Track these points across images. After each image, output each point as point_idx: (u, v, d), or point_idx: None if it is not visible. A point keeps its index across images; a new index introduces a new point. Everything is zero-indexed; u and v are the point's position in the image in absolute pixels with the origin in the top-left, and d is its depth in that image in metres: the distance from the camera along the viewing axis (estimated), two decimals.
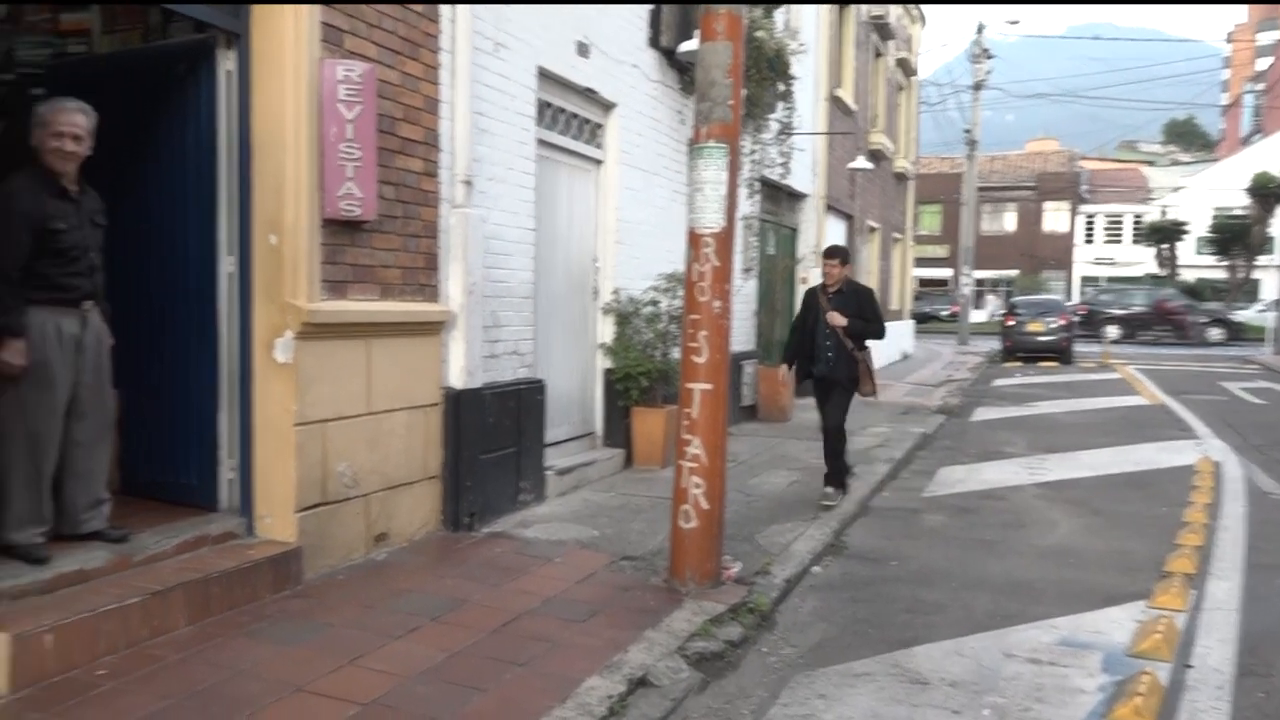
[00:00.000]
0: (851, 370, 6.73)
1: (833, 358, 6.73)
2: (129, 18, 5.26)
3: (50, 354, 3.83)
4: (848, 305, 6.69)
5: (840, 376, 6.74)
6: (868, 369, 6.80)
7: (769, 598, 4.70)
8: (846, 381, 6.77)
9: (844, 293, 6.80)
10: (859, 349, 6.72)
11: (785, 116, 10.78)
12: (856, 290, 6.95)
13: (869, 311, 6.83)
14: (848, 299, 6.75)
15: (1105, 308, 32.15)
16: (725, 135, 4.64)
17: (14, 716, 3.11)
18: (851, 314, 6.67)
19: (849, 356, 6.70)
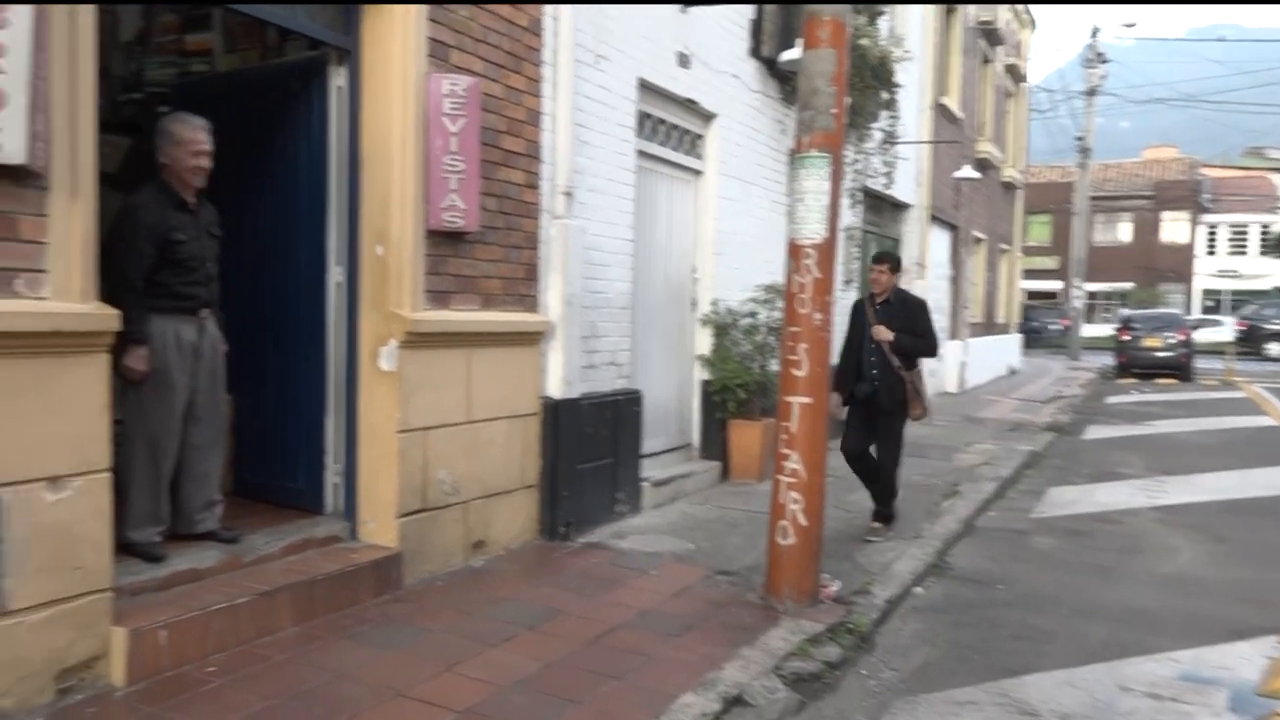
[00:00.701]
0: (896, 392, 6.01)
1: (877, 376, 6.04)
2: (248, 37, 5.47)
3: (170, 360, 3.99)
4: (895, 318, 6.03)
5: (884, 399, 6.03)
6: (915, 390, 6.09)
7: (869, 618, 4.57)
8: (890, 405, 6.03)
9: (891, 304, 6.13)
10: (907, 367, 6.04)
11: (889, 125, 10.57)
12: (906, 301, 6.24)
13: (920, 325, 6.13)
14: (895, 311, 6.08)
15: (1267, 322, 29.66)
16: (828, 144, 4.56)
17: (129, 709, 3.22)
18: (899, 328, 6.01)
19: (895, 377, 5.99)
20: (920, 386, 6.12)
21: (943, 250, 15.39)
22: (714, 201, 7.65)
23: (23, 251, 3.09)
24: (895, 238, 12.94)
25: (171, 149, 4.01)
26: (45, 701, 3.17)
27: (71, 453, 3.21)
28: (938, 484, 7.99)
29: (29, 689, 3.12)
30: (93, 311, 3.25)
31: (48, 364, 3.12)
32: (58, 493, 3.18)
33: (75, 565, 3.24)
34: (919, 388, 6.11)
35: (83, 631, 3.27)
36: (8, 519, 3.03)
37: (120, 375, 3.78)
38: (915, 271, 13.14)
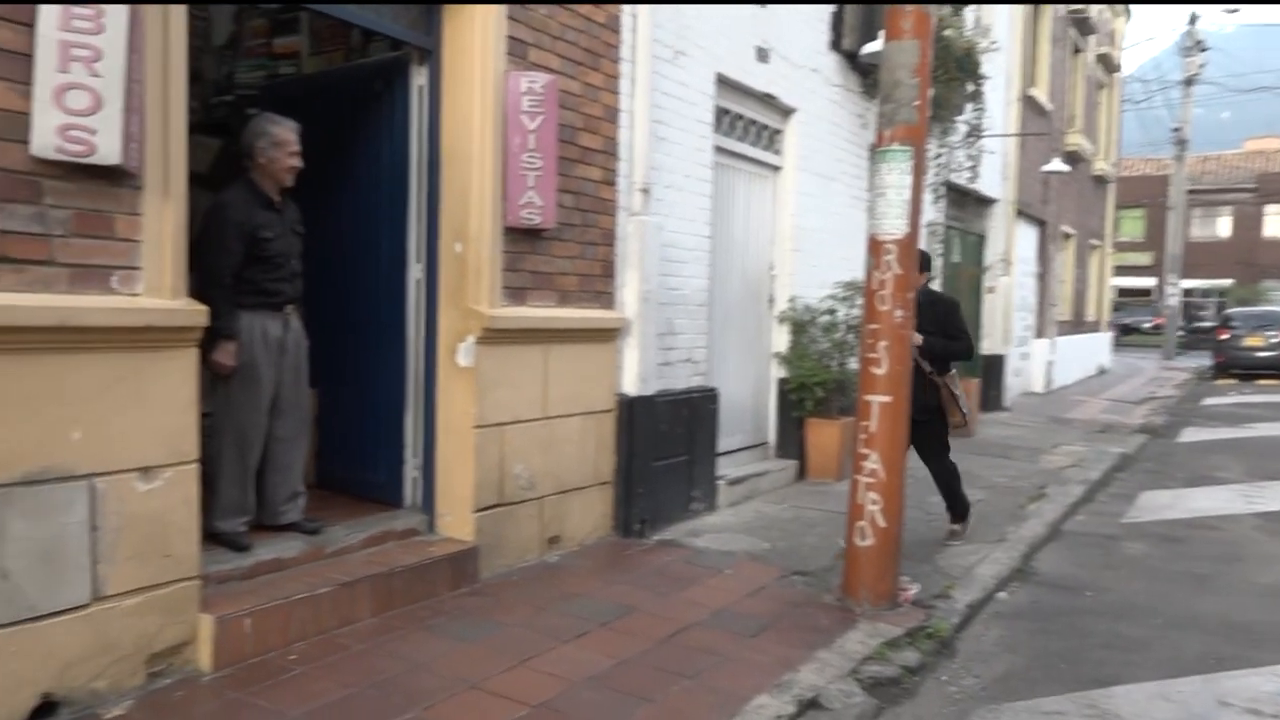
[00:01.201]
0: (928, 398, 5.51)
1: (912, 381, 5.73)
2: (333, 39, 5.59)
3: (257, 355, 4.10)
4: (925, 319, 5.40)
5: (916, 407, 5.27)
6: (952, 395, 5.68)
7: (950, 623, 4.46)
8: (921, 414, 5.39)
9: (920, 304, 5.31)
10: (939, 372, 5.63)
11: (974, 118, 10.30)
12: (936, 301, 5.78)
13: (952, 326, 5.70)
14: (925, 312, 5.40)
15: None
16: (910, 138, 4.45)
17: (215, 694, 3.32)
18: (930, 329, 5.51)
19: (926, 382, 5.50)
20: (957, 391, 5.73)
21: (1030, 246, 14.97)
22: (792, 197, 7.55)
23: (118, 249, 3.19)
24: (980, 233, 12.64)
25: (270, 149, 4.11)
26: (136, 684, 3.28)
27: (162, 444, 3.31)
28: (1023, 486, 7.77)
29: (121, 672, 3.23)
30: (183, 307, 3.35)
31: (140, 358, 3.23)
32: (149, 483, 3.28)
33: (165, 553, 3.35)
34: (955, 392, 5.71)
35: (172, 617, 3.38)
36: (102, 508, 3.15)
37: (209, 369, 3.89)
38: (1001, 268, 12.80)
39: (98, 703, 3.15)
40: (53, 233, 3.02)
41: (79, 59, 2.95)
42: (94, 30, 2.96)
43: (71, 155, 2.97)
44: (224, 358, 3.95)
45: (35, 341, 2.94)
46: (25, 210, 2.95)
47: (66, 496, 3.05)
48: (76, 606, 3.10)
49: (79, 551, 3.10)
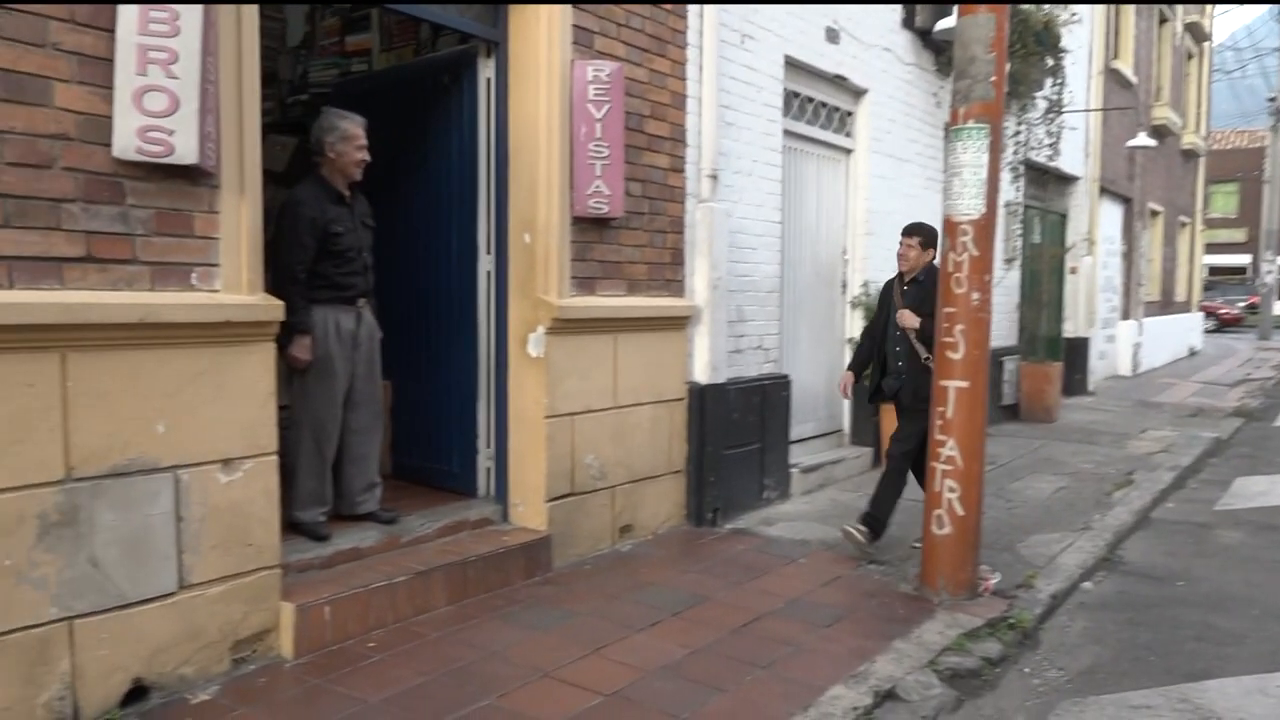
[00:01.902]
0: (921, 386, 4.96)
1: (902, 368, 5.15)
2: (403, 35, 5.66)
3: (331, 348, 4.17)
4: (926, 300, 4.99)
5: (905, 395, 5.15)
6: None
7: (1032, 614, 4.34)
8: (912, 401, 5.08)
9: (922, 283, 5.18)
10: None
11: (1054, 93, 9.97)
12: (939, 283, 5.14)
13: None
14: (927, 292, 5.02)
15: None
16: (986, 114, 4.32)
17: (297, 680, 3.40)
18: (930, 311, 4.92)
19: (920, 369, 5.02)
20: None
21: (1114, 225, 14.47)
22: (865, 180, 7.41)
23: (196, 247, 3.28)
24: (1062, 212, 12.25)
25: (340, 144, 4.17)
26: (222, 670, 3.37)
27: (242, 436, 3.40)
28: (1109, 473, 7.52)
29: (208, 658, 3.33)
30: (260, 303, 3.42)
31: (219, 353, 3.31)
32: (230, 474, 3.37)
33: (247, 543, 3.44)
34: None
35: (255, 605, 3.47)
36: (186, 498, 3.24)
37: (285, 364, 3.98)
38: (1083, 248, 12.40)
39: (186, 688, 3.26)
40: (135, 232, 3.11)
41: (156, 62, 3.03)
42: (170, 33, 3.04)
43: (151, 156, 3.05)
44: (300, 352, 4.03)
45: (120, 338, 3.04)
46: (109, 211, 3.05)
47: (152, 488, 3.15)
48: (164, 595, 3.20)
49: (165, 541, 3.20)
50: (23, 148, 2.85)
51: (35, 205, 2.88)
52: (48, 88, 2.89)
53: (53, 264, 2.92)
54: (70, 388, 2.93)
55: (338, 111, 4.26)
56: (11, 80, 2.81)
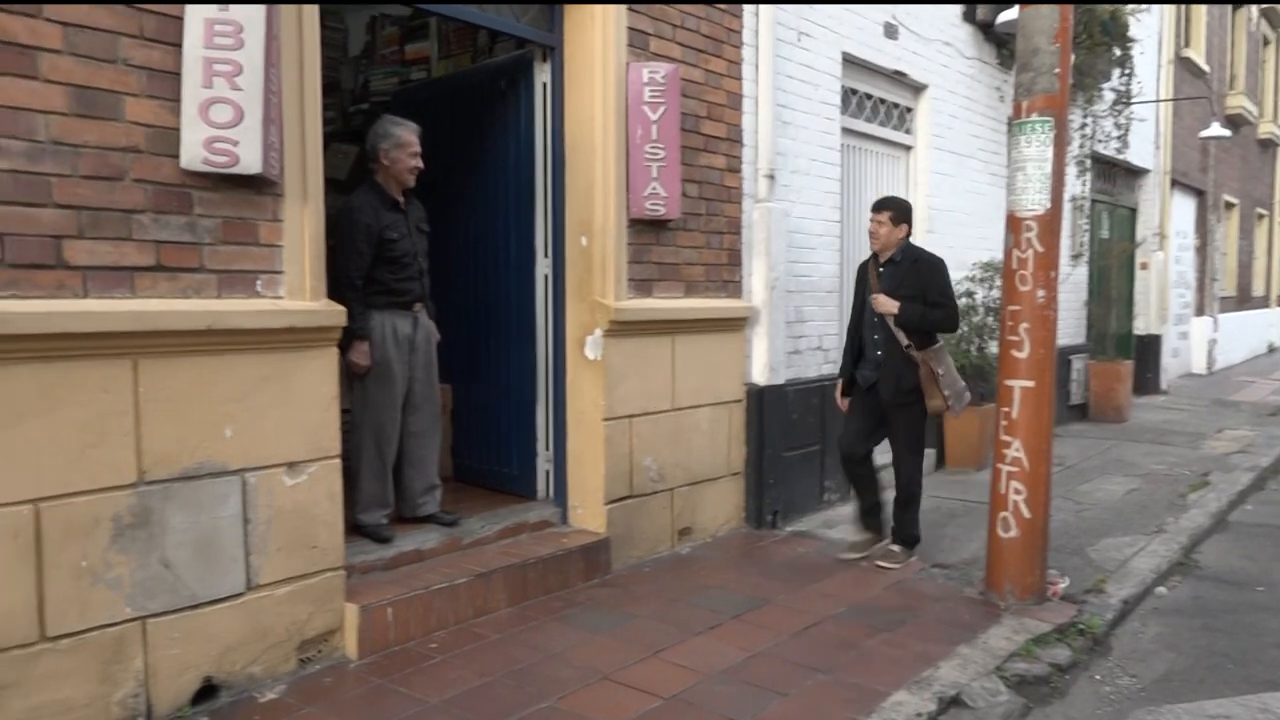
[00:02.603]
0: (905, 378, 4.71)
1: (881, 357, 4.80)
2: (460, 42, 5.73)
3: (389, 353, 4.23)
4: (904, 283, 4.74)
5: (884, 388, 4.78)
6: (933, 375, 4.71)
7: (1103, 619, 4.22)
8: (894, 395, 4.75)
9: (898, 264, 4.80)
10: (919, 346, 4.72)
11: (1122, 84, 9.72)
12: (918, 260, 4.83)
13: (934, 291, 4.74)
14: (904, 274, 4.76)
15: None
16: (1050, 107, 4.22)
17: (361, 681, 3.45)
18: (909, 294, 4.72)
19: (903, 358, 4.71)
20: (940, 370, 4.73)
21: (1187, 218, 14.05)
22: (926, 177, 7.30)
23: (261, 255, 3.35)
24: (1131, 206, 11.93)
25: (394, 151, 4.22)
26: (289, 670, 3.44)
27: (306, 440, 3.46)
28: (1183, 474, 7.30)
29: (275, 657, 3.40)
30: (322, 308, 3.48)
31: (284, 358, 3.38)
32: (295, 477, 3.43)
33: (312, 545, 3.50)
34: (938, 371, 4.72)
35: (320, 606, 3.53)
36: (253, 501, 3.31)
37: (346, 368, 4.04)
38: (1154, 243, 12.06)
39: (254, 686, 3.32)
40: (202, 241, 3.18)
41: (221, 74, 3.10)
42: (234, 46, 3.10)
43: (217, 166, 3.12)
44: (359, 357, 4.10)
45: (189, 344, 3.11)
46: (178, 220, 3.13)
47: (221, 491, 3.22)
48: (233, 595, 3.27)
49: (233, 543, 3.27)
50: (96, 161, 2.93)
51: (108, 216, 2.96)
52: (119, 102, 2.98)
53: (124, 273, 3.01)
54: (142, 393, 3.02)
55: (392, 119, 4.32)
56: (85, 96, 2.90)
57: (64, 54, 2.85)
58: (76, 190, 2.89)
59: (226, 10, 3.09)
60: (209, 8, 3.07)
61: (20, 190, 2.78)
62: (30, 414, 2.78)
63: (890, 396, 4.78)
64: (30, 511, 2.79)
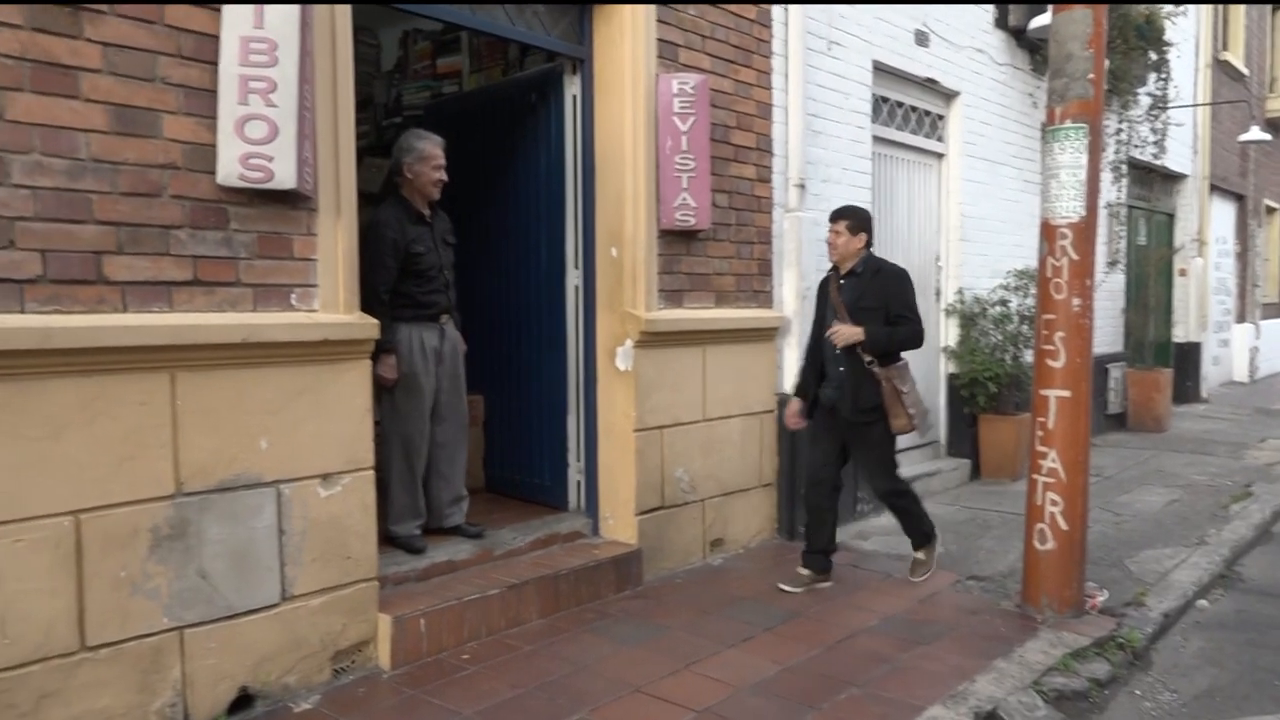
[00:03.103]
0: (864, 396, 4.46)
1: (843, 374, 4.53)
2: (492, 56, 5.77)
3: (416, 365, 4.25)
4: (866, 295, 4.49)
5: (845, 407, 4.51)
6: (896, 392, 4.44)
7: (1143, 633, 4.15)
8: (855, 414, 4.49)
9: (859, 276, 4.56)
10: (882, 362, 4.47)
11: (1158, 88, 9.60)
12: (879, 272, 4.57)
13: (898, 304, 4.49)
14: (866, 287, 4.51)
15: None
16: (1084, 114, 4.17)
17: (394, 691, 3.46)
18: (871, 305, 4.48)
19: (864, 375, 4.47)
20: (904, 388, 4.47)
21: (1226, 223, 13.82)
22: (958, 185, 7.25)
23: (296, 268, 3.39)
24: (1169, 212, 11.76)
25: (417, 164, 4.26)
26: (323, 680, 3.46)
27: (340, 451, 3.49)
28: (1225, 485, 7.17)
29: (309, 668, 3.42)
30: (355, 321, 3.52)
31: (318, 371, 3.41)
32: (329, 489, 3.46)
33: (345, 555, 3.52)
34: (901, 389, 4.46)
35: (353, 617, 3.56)
36: (288, 512, 3.34)
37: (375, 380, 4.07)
38: (1193, 249, 11.88)
39: (289, 696, 3.35)
40: (238, 255, 3.23)
41: (256, 91, 3.14)
42: (269, 63, 3.15)
43: (252, 182, 3.17)
44: (386, 370, 4.11)
45: (225, 357, 3.15)
46: (214, 236, 3.17)
47: (256, 502, 3.26)
48: (268, 606, 3.30)
49: (269, 554, 3.30)
50: (134, 178, 2.99)
51: (146, 232, 3.01)
52: (157, 120, 3.03)
53: (162, 288, 3.05)
54: (179, 406, 3.06)
55: (416, 132, 4.35)
56: (125, 114, 2.96)
57: (104, 73, 2.91)
58: (116, 207, 2.95)
59: (261, 28, 3.13)
60: (245, 26, 3.12)
61: (62, 207, 2.84)
62: (71, 426, 2.83)
63: (850, 415, 4.51)
64: (71, 522, 2.84)
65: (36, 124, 2.78)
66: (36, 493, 2.77)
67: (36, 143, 2.78)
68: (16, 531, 2.74)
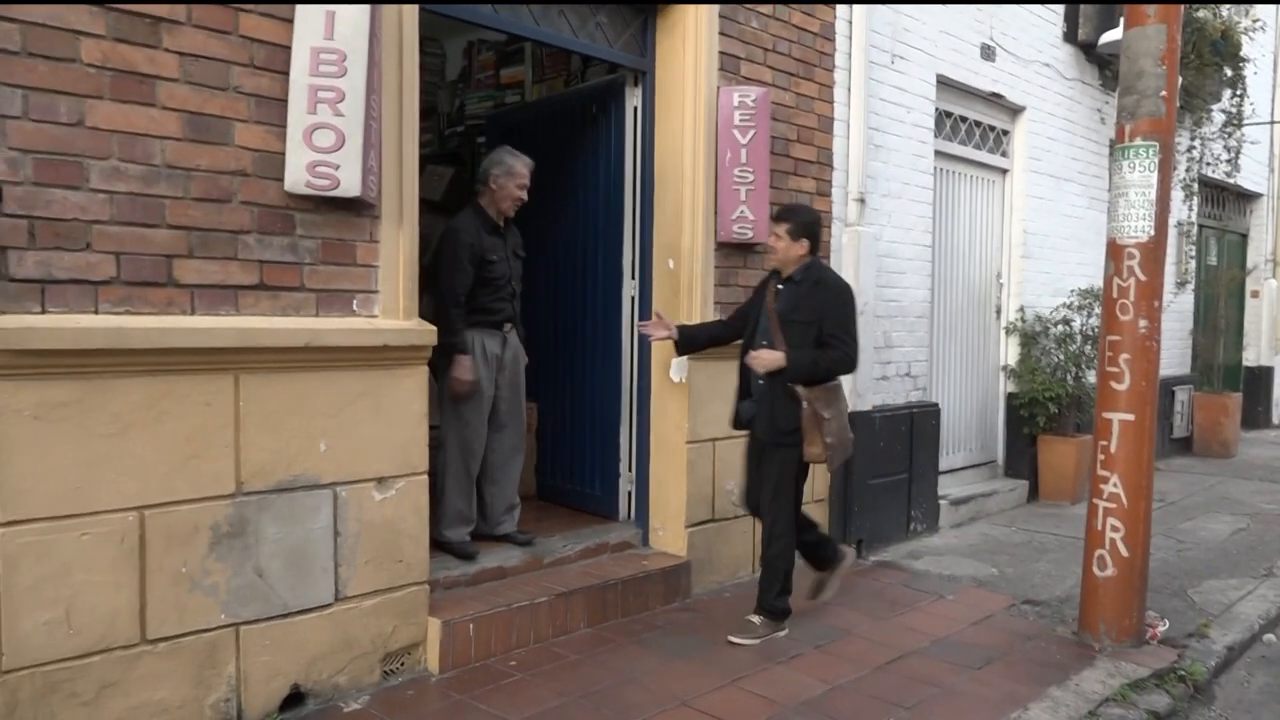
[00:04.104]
0: (783, 417, 4.03)
1: (763, 390, 4.12)
2: (554, 67, 5.82)
3: (479, 371, 4.30)
4: (800, 307, 4.06)
5: (761, 427, 4.14)
6: (817, 416, 3.98)
7: (1206, 665, 4.03)
8: (773, 435, 4.08)
9: (798, 284, 4.11)
10: (807, 382, 4.00)
11: (1233, 105, 9.35)
12: (819, 284, 4.10)
13: (832, 322, 4.02)
14: (802, 296, 4.07)
15: None
16: (1155, 131, 4.08)
17: (442, 695, 3.50)
18: (806, 319, 4.03)
19: (785, 394, 4.01)
20: (826, 413, 3.99)
21: None
22: (1022, 201, 7.13)
23: (358, 275, 3.45)
24: (1242, 232, 11.43)
25: (503, 178, 4.32)
26: (373, 681, 3.51)
27: (396, 456, 3.54)
28: None
29: (360, 668, 3.47)
30: (415, 327, 3.56)
31: (376, 376, 3.47)
32: (384, 492, 3.51)
33: (398, 559, 3.57)
34: (823, 414, 3.98)
35: (404, 620, 3.60)
36: (343, 514, 3.40)
37: (440, 385, 4.12)
38: (1266, 270, 11.53)
39: (339, 696, 3.40)
40: (303, 261, 3.30)
41: (325, 101, 3.21)
42: (338, 74, 3.21)
43: (318, 190, 3.23)
44: (461, 373, 4.16)
45: (288, 361, 3.22)
46: (280, 241, 3.24)
47: (313, 503, 3.32)
48: (322, 605, 3.36)
49: (324, 555, 3.36)
50: (207, 184, 3.07)
51: (216, 237, 3.09)
52: (229, 128, 3.11)
53: (229, 291, 3.13)
54: (242, 407, 3.13)
55: (510, 149, 4.41)
56: (199, 122, 3.04)
57: (180, 82, 2.99)
58: (188, 212, 3.03)
59: (332, 39, 3.20)
60: (315, 37, 3.19)
61: (137, 212, 2.92)
62: (138, 425, 2.91)
63: (765, 436, 4.13)
64: (135, 518, 2.92)
65: (115, 131, 2.87)
66: (103, 488, 2.86)
67: (115, 149, 2.87)
68: (84, 525, 2.82)
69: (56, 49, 2.75)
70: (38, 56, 2.72)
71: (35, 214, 2.74)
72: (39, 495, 2.74)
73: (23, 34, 2.69)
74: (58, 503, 2.78)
